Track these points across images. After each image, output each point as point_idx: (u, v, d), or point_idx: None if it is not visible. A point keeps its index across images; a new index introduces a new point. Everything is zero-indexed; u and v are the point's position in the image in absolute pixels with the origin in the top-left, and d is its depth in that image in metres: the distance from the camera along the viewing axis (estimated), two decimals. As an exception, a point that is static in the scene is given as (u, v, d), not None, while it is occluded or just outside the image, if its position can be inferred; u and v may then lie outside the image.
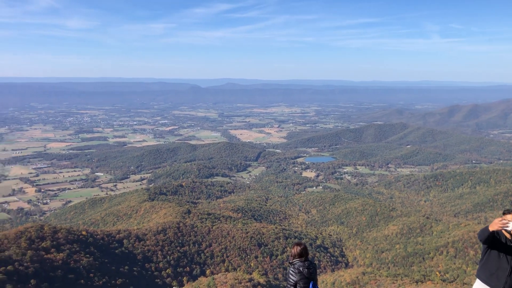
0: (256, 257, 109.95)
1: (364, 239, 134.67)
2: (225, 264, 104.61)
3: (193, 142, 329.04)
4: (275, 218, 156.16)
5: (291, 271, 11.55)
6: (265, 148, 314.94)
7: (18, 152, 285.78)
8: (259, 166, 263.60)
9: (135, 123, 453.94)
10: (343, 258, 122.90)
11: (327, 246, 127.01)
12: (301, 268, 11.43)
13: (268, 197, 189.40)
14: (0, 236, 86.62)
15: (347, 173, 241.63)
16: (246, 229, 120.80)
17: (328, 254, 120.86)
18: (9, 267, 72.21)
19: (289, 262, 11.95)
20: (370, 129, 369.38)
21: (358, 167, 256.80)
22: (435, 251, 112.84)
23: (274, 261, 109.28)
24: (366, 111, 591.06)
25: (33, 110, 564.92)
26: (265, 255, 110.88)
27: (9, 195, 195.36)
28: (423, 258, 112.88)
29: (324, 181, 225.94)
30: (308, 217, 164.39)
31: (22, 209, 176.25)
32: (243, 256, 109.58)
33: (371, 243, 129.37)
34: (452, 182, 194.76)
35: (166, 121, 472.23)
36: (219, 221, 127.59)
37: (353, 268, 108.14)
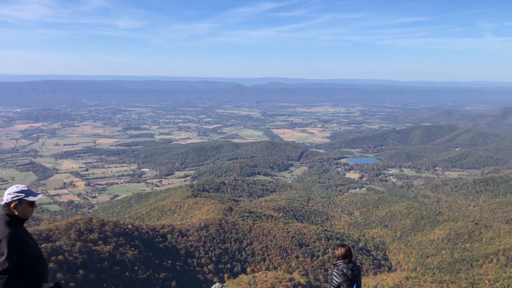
0: (297, 257, 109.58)
1: (409, 243, 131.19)
2: (265, 263, 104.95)
3: (235, 140, 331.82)
4: (317, 218, 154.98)
5: (334, 273, 11.51)
6: (307, 148, 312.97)
7: (70, 147, 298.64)
8: (301, 166, 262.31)
9: (180, 121, 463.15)
10: (386, 262, 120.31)
11: (369, 249, 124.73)
12: (345, 270, 11.38)
13: (310, 197, 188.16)
14: (51, 227, 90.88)
15: (392, 175, 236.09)
16: (287, 229, 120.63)
17: (371, 257, 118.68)
18: (59, 257, 75.66)
19: (332, 264, 11.91)
20: (417, 131, 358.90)
21: (403, 169, 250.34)
22: (484, 259, 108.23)
23: (315, 261, 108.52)
24: (413, 112, 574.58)
25: (84, 107, 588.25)
26: (306, 255, 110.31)
27: (61, 188, 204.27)
28: (471, 266, 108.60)
29: (368, 183, 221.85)
30: (351, 219, 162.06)
31: (72, 201, 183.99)
32: (284, 255, 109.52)
33: (415, 248, 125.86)
34: (504, 187, 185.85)
35: (210, 119, 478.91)
36: (260, 220, 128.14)
37: (396, 272, 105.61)
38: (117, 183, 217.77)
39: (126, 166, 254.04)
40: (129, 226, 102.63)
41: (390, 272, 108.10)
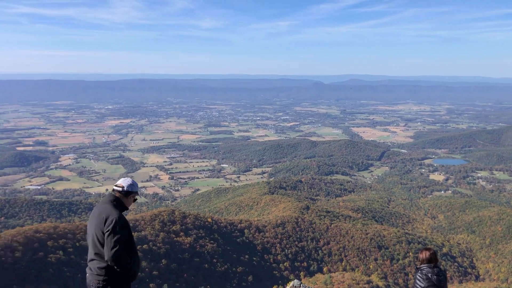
0: (376, 259, 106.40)
1: (499, 252, 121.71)
2: (342, 264, 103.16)
3: (313, 138, 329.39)
4: (397, 221, 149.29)
5: (418, 277, 11.01)
6: (389, 147, 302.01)
7: (155, 142, 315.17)
8: (382, 166, 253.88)
9: (258, 118, 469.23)
10: (473, 270, 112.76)
11: (454, 255, 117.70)
12: (429, 275, 10.83)
13: (390, 198, 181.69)
14: (138, 217, 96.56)
15: (481, 178, 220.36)
16: (366, 230, 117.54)
17: (456, 264, 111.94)
18: (144, 246, 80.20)
19: (416, 267, 11.41)
20: (510, 131, 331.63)
21: (494, 172, 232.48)
22: None
23: (394, 265, 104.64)
24: (507, 111, 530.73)
25: (169, 104, 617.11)
26: (385, 258, 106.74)
27: (147, 180, 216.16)
28: None
29: (454, 186, 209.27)
30: (434, 223, 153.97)
31: (157, 194, 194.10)
32: (362, 257, 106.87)
33: (507, 257, 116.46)
34: None
35: (287, 117, 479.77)
36: (337, 220, 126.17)
37: (485, 282, 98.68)
38: (198, 178, 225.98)
39: (206, 162, 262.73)
40: (209, 220, 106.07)
41: (477, 282, 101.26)
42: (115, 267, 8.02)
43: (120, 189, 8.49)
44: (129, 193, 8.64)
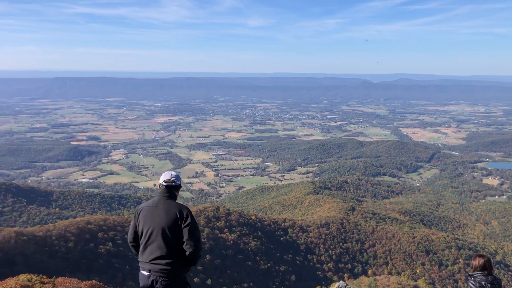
0: (423, 264, 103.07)
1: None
2: (388, 267, 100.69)
3: (360, 138, 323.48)
4: (447, 225, 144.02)
5: (471, 284, 10.50)
6: (439, 149, 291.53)
7: (202, 139, 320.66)
8: (431, 168, 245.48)
9: (304, 117, 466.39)
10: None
11: (509, 263, 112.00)
12: (483, 282, 10.29)
13: (440, 202, 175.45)
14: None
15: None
16: (413, 234, 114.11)
17: (510, 273, 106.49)
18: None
19: (468, 274, 10.88)
20: None
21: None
22: None
23: (443, 271, 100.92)
24: None
25: (216, 102, 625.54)
26: (433, 263, 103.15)
27: (193, 176, 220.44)
28: None
29: (509, 191, 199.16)
30: (487, 229, 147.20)
31: (202, 190, 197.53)
32: (409, 261, 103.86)
33: None
34: None
35: (334, 116, 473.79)
36: (384, 222, 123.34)
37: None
38: (242, 175, 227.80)
39: (251, 160, 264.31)
40: (253, 217, 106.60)
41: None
42: (194, 259, 8.07)
43: (173, 183, 8.57)
44: (180, 187, 8.75)
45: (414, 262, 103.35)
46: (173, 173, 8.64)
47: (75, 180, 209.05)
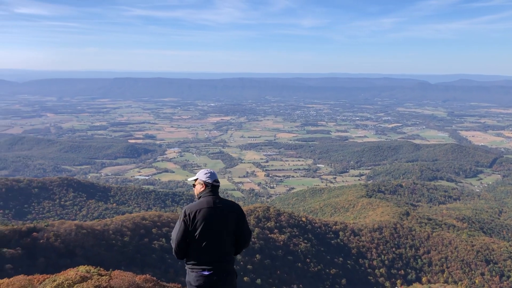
0: (482, 274, 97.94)
1: None
2: (444, 275, 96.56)
3: (416, 141, 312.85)
4: (509, 234, 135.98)
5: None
6: (502, 153, 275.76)
7: (253, 140, 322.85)
8: (493, 173, 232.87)
9: (357, 118, 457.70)
10: None
11: None
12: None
13: (502, 210, 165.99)
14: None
15: None
16: (472, 242, 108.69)
17: None
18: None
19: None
20: None
21: None
22: None
23: (504, 282, 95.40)
24: None
25: (267, 102, 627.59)
26: (493, 274, 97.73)
27: (244, 176, 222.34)
28: None
29: None
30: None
31: (253, 190, 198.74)
32: (466, 270, 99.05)
33: None
34: None
35: (389, 117, 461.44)
36: (440, 228, 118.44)
37: None
38: (293, 176, 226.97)
39: (302, 161, 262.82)
40: (303, 219, 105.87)
41: None
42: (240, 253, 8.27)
43: (218, 183, 8.58)
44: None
45: (473, 272, 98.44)
46: (213, 172, 8.63)
47: (131, 176, 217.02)
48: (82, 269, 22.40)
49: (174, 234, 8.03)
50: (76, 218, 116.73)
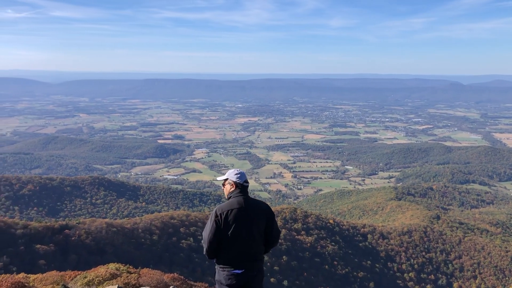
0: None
1: None
2: (476, 281, 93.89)
3: (448, 143, 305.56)
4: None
5: None
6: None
7: (280, 141, 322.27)
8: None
9: (387, 120, 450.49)
10: None
11: None
12: None
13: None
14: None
15: None
16: (506, 247, 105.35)
17: None
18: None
19: None
20: None
21: None
22: None
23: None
24: None
25: (295, 103, 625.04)
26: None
27: (271, 177, 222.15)
28: None
29: None
30: None
31: (280, 191, 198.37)
32: (500, 276, 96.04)
33: None
34: None
35: (419, 119, 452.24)
36: (472, 233, 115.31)
37: None
38: (320, 178, 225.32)
39: (330, 162, 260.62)
40: (331, 221, 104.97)
41: None
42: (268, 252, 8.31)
43: (248, 184, 8.62)
44: None
45: (507, 278, 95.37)
46: (243, 172, 8.62)
47: (160, 176, 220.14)
48: (112, 266, 22.84)
49: (206, 234, 8.08)
50: (106, 216, 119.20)
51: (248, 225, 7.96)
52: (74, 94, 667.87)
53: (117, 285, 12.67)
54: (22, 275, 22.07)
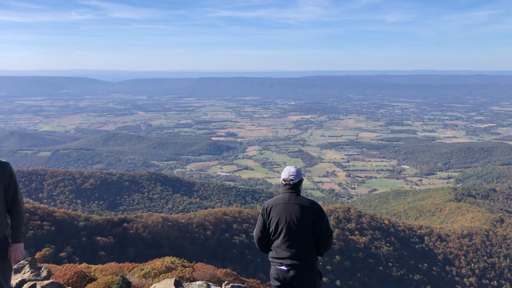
0: None
1: None
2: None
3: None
4: None
5: None
6: None
7: (334, 139, 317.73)
8: None
9: (446, 118, 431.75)
10: None
11: None
12: None
13: None
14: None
15: None
16: None
17: None
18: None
19: None
20: None
21: None
22: None
23: None
24: None
25: (349, 101, 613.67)
26: None
27: (324, 176, 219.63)
28: None
29: None
30: None
31: (333, 190, 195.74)
32: None
33: None
34: None
35: (481, 117, 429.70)
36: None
37: None
38: (375, 177, 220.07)
39: (385, 161, 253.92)
40: (385, 222, 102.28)
41: None
42: (325, 252, 8.13)
43: (291, 182, 8.54)
44: (300, 182, 8.67)
45: None
46: (292, 169, 8.50)
47: (214, 173, 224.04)
48: (167, 260, 23.43)
49: (256, 227, 8.27)
50: (162, 210, 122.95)
51: (289, 222, 7.87)
52: (133, 93, 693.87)
53: (174, 278, 12.94)
54: (84, 265, 23.17)
